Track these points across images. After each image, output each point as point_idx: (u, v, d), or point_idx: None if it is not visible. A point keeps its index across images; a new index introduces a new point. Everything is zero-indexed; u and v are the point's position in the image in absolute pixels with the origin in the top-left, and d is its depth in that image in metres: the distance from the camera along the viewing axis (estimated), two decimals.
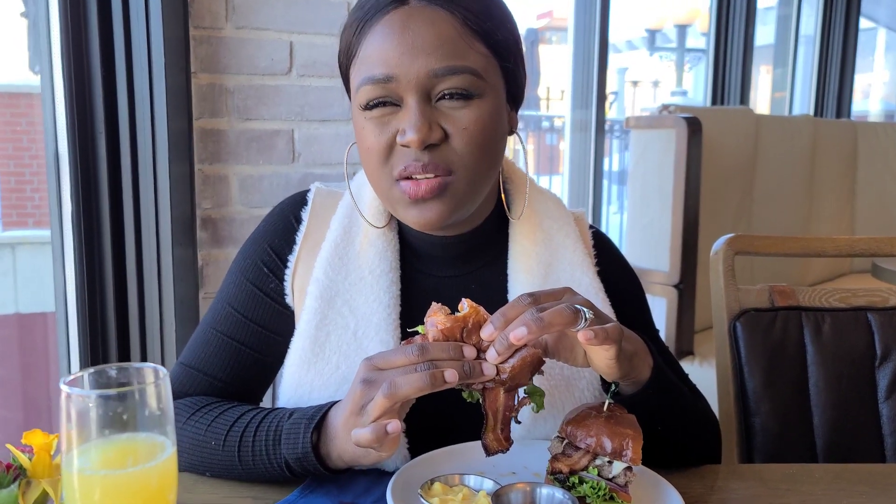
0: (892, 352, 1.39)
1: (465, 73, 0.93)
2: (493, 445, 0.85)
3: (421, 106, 0.92)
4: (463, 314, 0.83)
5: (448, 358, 0.81)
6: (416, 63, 0.91)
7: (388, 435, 0.80)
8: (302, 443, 0.89)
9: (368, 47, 0.93)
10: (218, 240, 2.00)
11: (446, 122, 0.94)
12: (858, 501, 0.97)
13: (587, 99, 3.64)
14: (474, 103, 0.94)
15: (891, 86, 6.83)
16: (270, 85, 1.99)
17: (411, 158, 0.93)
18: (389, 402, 0.80)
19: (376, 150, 0.95)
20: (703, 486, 1.01)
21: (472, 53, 0.93)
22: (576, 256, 1.09)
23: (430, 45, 0.91)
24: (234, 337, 1.06)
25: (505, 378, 0.82)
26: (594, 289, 1.08)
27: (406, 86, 0.92)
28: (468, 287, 1.08)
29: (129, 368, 0.60)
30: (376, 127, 0.95)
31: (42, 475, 0.68)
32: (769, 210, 3.31)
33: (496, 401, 0.84)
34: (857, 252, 1.51)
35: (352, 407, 0.84)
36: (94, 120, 1.78)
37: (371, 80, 0.93)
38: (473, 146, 0.95)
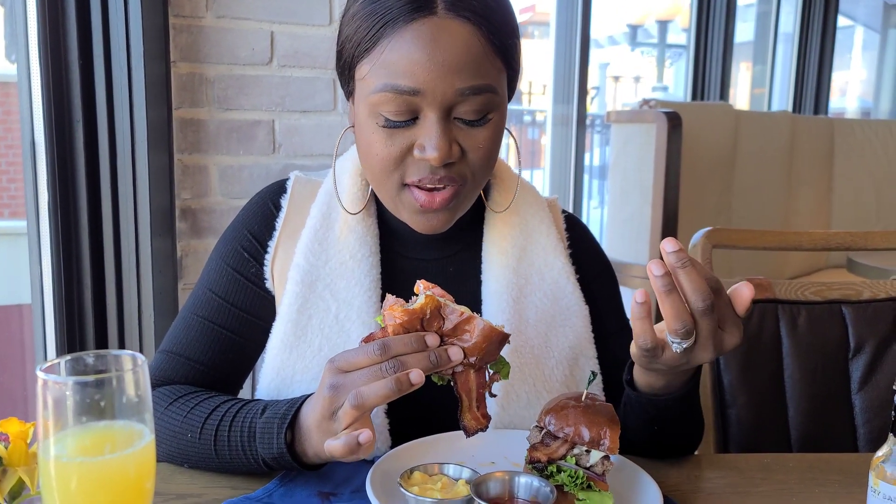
0: (865, 344, 1.41)
1: (487, 93, 0.93)
2: (472, 425, 0.85)
3: (443, 123, 0.92)
4: (419, 305, 0.82)
5: (412, 351, 0.81)
6: (445, 80, 0.90)
7: (360, 446, 0.80)
8: (276, 443, 0.89)
9: (393, 53, 0.90)
10: (197, 231, 1.99)
11: (463, 139, 0.94)
12: (831, 490, 0.99)
13: (569, 94, 3.65)
14: (489, 121, 0.95)
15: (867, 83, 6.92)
16: (251, 75, 1.97)
17: (426, 171, 0.94)
18: (358, 412, 0.80)
19: (386, 158, 0.95)
20: (680, 475, 1.02)
21: (493, 70, 0.94)
22: (549, 241, 1.12)
23: (460, 62, 0.90)
24: (216, 321, 1.06)
25: (474, 360, 0.82)
26: (566, 273, 1.11)
27: (431, 101, 0.91)
28: (446, 270, 1.10)
29: (106, 356, 0.60)
30: (388, 137, 0.94)
31: (18, 463, 0.67)
32: (748, 204, 3.35)
33: (468, 381, 0.84)
34: (832, 246, 1.53)
35: (322, 412, 0.83)
36: (72, 108, 1.76)
37: (395, 88, 0.90)
38: (486, 161, 0.97)
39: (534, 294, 1.09)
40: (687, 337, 0.82)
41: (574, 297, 1.10)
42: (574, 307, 1.10)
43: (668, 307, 0.81)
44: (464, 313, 0.82)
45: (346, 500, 0.90)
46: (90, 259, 1.81)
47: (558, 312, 1.09)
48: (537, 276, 1.10)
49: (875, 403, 1.40)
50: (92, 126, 1.78)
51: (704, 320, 0.82)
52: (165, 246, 1.90)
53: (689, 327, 0.82)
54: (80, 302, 1.83)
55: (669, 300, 0.81)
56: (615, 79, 8.21)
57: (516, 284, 1.08)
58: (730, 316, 0.85)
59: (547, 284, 1.10)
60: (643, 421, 1.00)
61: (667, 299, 0.81)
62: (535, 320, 1.08)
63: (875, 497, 0.76)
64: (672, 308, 0.81)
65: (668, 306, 0.81)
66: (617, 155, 2.94)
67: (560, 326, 1.09)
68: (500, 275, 1.08)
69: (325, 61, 1.99)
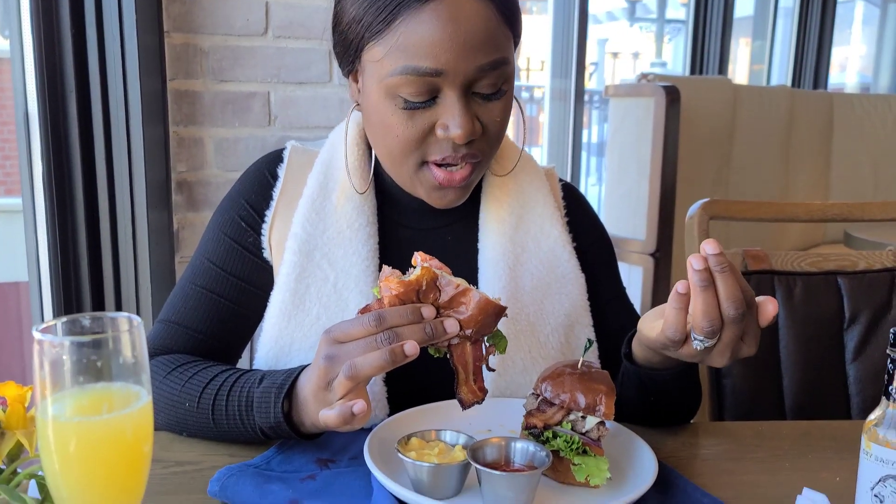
0: (860, 315, 1.42)
1: (504, 65, 0.93)
2: (469, 398, 0.86)
3: (464, 101, 0.92)
4: (415, 276, 0.82)
5: (407, 323, 0.81)
6: (466, 59, 0.89)
7: (355, 416, 0.81)
8: (273, 413, 0.89)
9: (410, 34, 0.89)
10: (193, 203, 1.99)
11: (482, 113, 0.95)
12: (824, 455, 1.00)
13: (567, 69, 3.63)
14: (504, 93, 0.96)
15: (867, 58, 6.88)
16: (246, 46, 1.96)
17: (449, 150, 0.95)
18: (352, 382, 0.81)
19: (407, 139, 0.95)
20: (675, 441, 1.03)
21: (506, 42, 0.94)
22: (546, 209, 1.12)
23: (480, 39, 0.90)
24: (214, 290, 1.06)
25: (470, 333, 0.82)
26: (562, 241, 1.11)
27: (452, 80, 0.91)
28: (444, 239, 1.11)
29: (102, 318, 0.60)
30: (408, 118, 0.93)
31: (16, 426, 0.68)
32: (746, 179, 3.35)
33: (464, 354, 0.84)
34: (829, 217, 1.53)
35: (318, 382, 0.84)
36: (65, 79, 1.74)
37: (417, 71, 0.89)
38: (501, 134, 0.99)
39: (530, 262, 1.09)
40: (711, 337, 0.82)
41: (570, 265, 1.11)
42: (570, 275, 1.10)
43: (701, 304, 0.81)
44: (459, 285, 0.82)
45: (344, 466, 0.91)
46: (86, 234, 1.81)
47: (554, 280, 1.10)
48: (534, 244, 1.10)
49: (869, 373, 1.41)
50: (85, 97, 1.76)
51: (731, 328, 0.82)
52: (162, 219, 1.90)
53: (717, 328, 0.82)
54: (77, 277, 1.83)
55: (703, 297, 0.81)
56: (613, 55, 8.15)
57: (513, 253, 1.09)
58: (753, 329, 0.85)
59: (543, 253, 1.10)
60: (640, 393, 1.01)
61: (701, 295, 0.81)
62: (531, 288, 1.08)
63: (867, 459, 0.77)
64: (704, 305, 0.81)
65: (701, 303, 0.81)
66: (615, 130, 2.93)
67: (556, 294, 1.09)
68: (497, 243, 1.09)
69: (321, 32, 1.97)
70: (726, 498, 0.86)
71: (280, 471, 0.88)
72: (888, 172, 4.07)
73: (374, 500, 0.82)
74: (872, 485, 0.76)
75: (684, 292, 0.82)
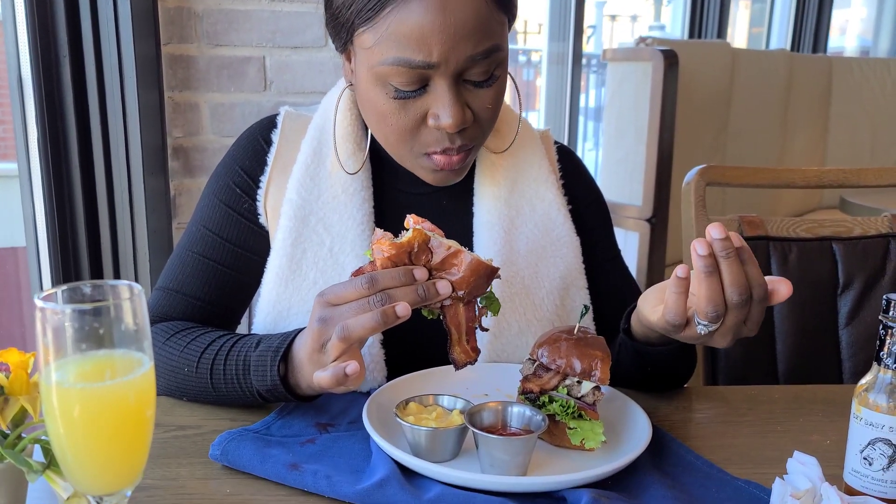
0: (854, 280, 1.43)
1: (496, 52, 0.92)
2: (462, 358, 0.87)
3: (454, 90, 0.92)
4: (407, 238, 0.82)
5: (400, 284, 0.82)
6: (457, 49, 0.89)
7: (348, 377, 0.81)
8: (270, 375, 0.90)
9: (401, 24, 0.88)
10: (190, 169, 1.98)
11: (473, 101, 0.95)
12: (815, 419, 1.02)
13: (564, 32, 3.59)
14: (497, 79, 0.95)
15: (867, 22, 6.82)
16: (240, 9, 1.93)
17: (444, 140, 0.95)
18: (345, 343, 0.81)
19: (401, 129, 0.95)
20: (669, 405, 1.04)
21: (499, 28, 0.93)
22: (541, 172, 1.13)
23: (471, 29, 0.88)
24: (211, 257, 1.07)
25: (462, 294, 0.83)
26: (557, 204, 1.12)
27: (443, 70, 0.90)
28: (440, 203, 1.11)
29: (103, 285, 0.60)
30: (400, 108, 0.93)
31: (20, 392, 0.69)
32: (743, 144, 3.34)
33: (457, 315, 0.85)
34: (825, 183, 1.53)
35: (312, 344, 0.85)
36: (58, 43, 1.72)
37: (408, 63, 0.89)
38: (494, 119, 0.99)
39: (525, 225, 1.10)
40: (715, 321, 0.82)
41: (565, 228, 1.11)
42: (565, 238, 1.11)
43: (705, 290, 0.80)
44: (451, 247, 0.83)
45: (343, 430, 0.92)
46: (83, 200, 1.80)
47: (549, 243, 1.10)
48: (528, 207, 1.11)
49: (861, 338, 1.42)
50: (79, 61, 1.75)
51: (734, 312, 0.82)
52: (158, 185, 1.89)
53: (721, 313, 0.81)
54: (75, 242, 1.83)
55: (707, 283, 0.80)
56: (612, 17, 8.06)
57: (507, 216, 1.09)
58: (756, 315, 0.84)
59: (538, 216, 1.11)
60: (637, 366, 1.02)
61: (705, 281, 0.80)
62: (525, 251, 1.09)
63: (857, 423, 0.78)
64: (708, 291, 0.80)
65: (706, 289, 0.80)
66: (612, 94, 2.91)
67: (551, 257, 1.10)
68: (492, 206, 1.09)
69: None
70: (718, 460, 0.88)
71: (280, 435, 0.89)
72: (886, 137, 4.07)
73: (373, 463, 0.83)
74: (862, 447, 0.78)
75: (684, 276, 0.82)
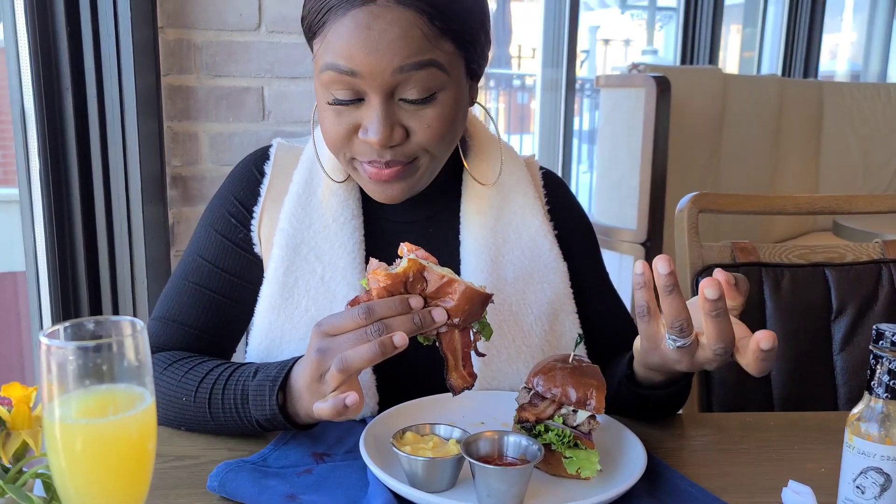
0: (847, 306, 1.44)
1: (430, 67, 0.93)
2: (459, 383, 0.88)
3: (383, 106, 0.93)
4: (402, 268, 0.84)
5: (396, 314, 0.83)
6: (380, 62, 0.91)
7: (348, 408, 0.83)
8: (269, 405, 0.91)
9: (333, 36, 0.92)
10: (188, 198, 1.99)
11: (409, 119, 0.95)
12: (811, 447, 1.02)
13: (558, 57, 3.64)
14: (437, 100, 0.95)
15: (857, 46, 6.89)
16: (239, 41, 1.96)
17: (374, 154, 0.96)
18: (344, 375, 0.82)
19: (335, 135, 0.98)
20: (664, 433, 1.05)
21: (436, 51, 0.93)
22: (527, 200, 1.14)
23: (394, 44, 0.90)
24: (207, 286, 1.08)
25: (458, 321, 0.84)
26: (543, 230, 1.13)
27: (370, 83, 0.92)
28: (427, 231, 1.13)
29: (106, 321, 0.61)
30: (336, 115, 0.96)
31: (22, 426, 0.69)
32: (736, 168, 3.37)
33: (453, 341, 0.87)
34: (817, 210, 1.55)
35: (311, 374, 0.86)
36: (60, 76, 1.74)
37: (336, 68, 0.93)
38: (436, 138, 0.97)
39: (511, 252, 1.11)
40: (681, 335, 0.85)
41: (552, 254, 1.13)
42: (552, 264, 1.12)
43: (667, 306, 0.84)
44: (444, 276, 0.84)
45: (340, 460, 0.92)
46: (83, 227, 1.82)
47: (536, 270, 1.11)
48: (515, 234, 1.12)
49: (856, 364, 1.43)
50: (81, 93, 1.77)
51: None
52: (157, 213, 1.91)
53: (684, 326, 0.84)
54: (74, 269, 1.84)
55: (669, 300, 0.83)
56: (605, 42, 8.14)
57: (494, 244, 1.11)
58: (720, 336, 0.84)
59: (524, 243, 1.12)
60: (638, 407, 1.04)
61: (667, 298, 0.83)
62: (513, 278, 1.10)
63: (850, 452, 0.79)
64: (670, 307, 0.84)
65: (667, 305, 0.84)
66: (606, 119, 2.95)
67: (538, 283, 1.11)
68: (478, 234, 1.11)
69: None
70: (713, 489, 0.88)
71: (277, 466, 0.90)
72: (877, 160, 4.10)
73: (370, 493, 0.83)
74: (854, 476, 0.79)
75: (641, 271, 0.85)
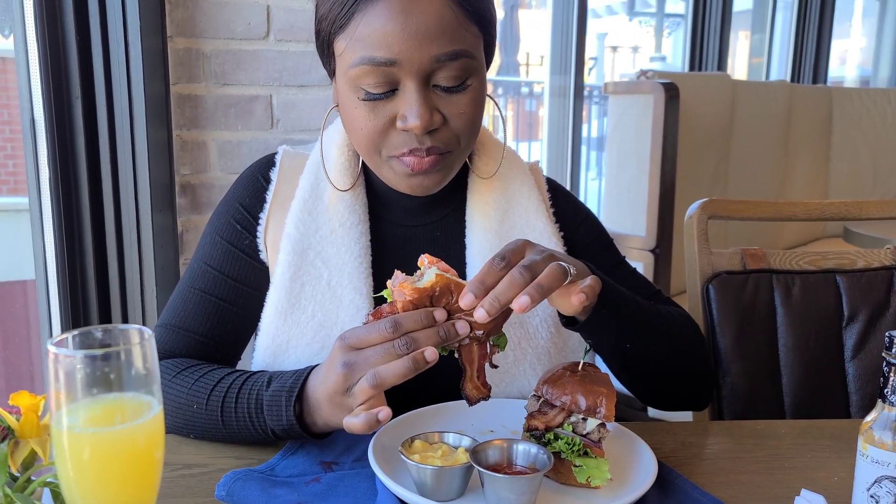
0: (859, 312, 1.43)
1: (464, 58, 0.94)
2: (474, 394, 0.88)
3: (422, 92, 0.94)
4: (429, 284, 0.84)
5: (422, 327, 0.83)
6: (420, 49, 0.91)
7: (379, 423, 0.84)
8: (286, 416, 0.91)
9: (366, 26, 0.92)
10: (197, 206, 2.00)
11: (444, 106, 0.96)
12: (823, 455, 1.01)
13: (566, 65, 3.63)
14: (469, 87, 0.97)
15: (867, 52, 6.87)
16: (248, 50, 1.97)
17: (413, 142, 0.96)
18: (376, 391, 0.83)
19: (370, 131, 0.97)
20: (675, 441, 1.04)
21: (468, 36, 0.95)
22: (531, 203, 1.14)
23: (433, 31, 0.91)
24: (213, 293, 1.08)
25: (481, 334, 0.85)
26: (548, 232, 1.13)
27: (408, 71, 0.92)
28: (433, 235, 1.13)
29: (114, 330, 0.61)
30: (370, 110, 0.96)
31: (30, 435, 0.69)
32: (745, 175, 3.35)
33: (472, 352, 0.87)
34: (827, 216, 1.54)
35: (335, 388, 0.86)
36: (70, 85, 1.76)
37: (372, 61, 0.92)
38: (469, 125, 0.99)
39: None
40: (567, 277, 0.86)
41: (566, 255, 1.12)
42: None
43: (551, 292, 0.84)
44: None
45: (348, 469, 0.92)
46: (92, 235, 1.82)
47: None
48: (520, 236, 1.12)
49: (868, 371, 1.42)
50: (91, 102, 1.78)
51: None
52: (166, 221, 1.91)
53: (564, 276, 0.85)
54: (84, 277, 1.84)
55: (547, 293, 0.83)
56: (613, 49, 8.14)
57: (498, 246, 1.10)
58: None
59: None
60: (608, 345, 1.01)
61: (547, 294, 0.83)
62: None
63: (863, 461, 0.79)
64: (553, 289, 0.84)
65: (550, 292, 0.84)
66: (614, 126, 2.94)
67: None
68: (483, 238, 1.11)
69: None
70: (725, 497, 0.87)
71: (285, 475, 0.89)
72: (887, 166, 4.08)
73: (378, 502, 0.83)
74: (868, 485, 0.78)
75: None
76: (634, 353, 1.02)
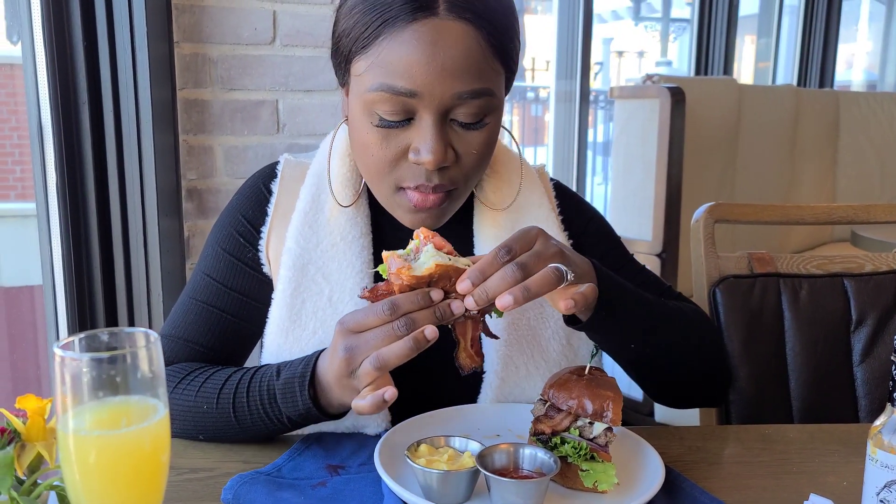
0: (867, 317, 1.42)
1: (486, 96, 0.92)
2: (468, 363, 0.89)
3: (439, 127, 0.92)
4: (427, 272, 0.83)
5: (419, 308, 0.83)
6: (443, 84, 0.89)
7: (386, 403, 0.84)
8: (302, 401, 0.92)
9: (391, 52, 0.89)
10: (203, 211, 2.00)
11: (458, 143, 0.94)
12: (831, 460, 1.01)
13: (572, 69, 3.64)
14: (486, 125, 0.95)
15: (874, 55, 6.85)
16: (254, 55, 1.97)
17: (422, 177, 0.94)
18: (379, 372, 0.83)
19: (381, 160, 0.95)
20: (682, 446, 1.04)
21: (491, 73, 0.93)
22: (541, 211, 1.12)
23: (460, 66, 0.89)
24: (214, 304, 1.07)
25: (475, 313, 0.86)
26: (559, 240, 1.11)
27: (428, 104, 0.90)
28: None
29: (120, 333, 0.61)
30: (383, 138, 0.94)
31: (36, 438, 0.69)
32: (752, 179, 3.34)
33: (465, 326, 0.88)
34: (834, 220, 1.54)
35: (340, 371, 0.86)
36: (77, 90, 1.76)
37: (392, 89, 0.90)
38: (480, 164, 0.98)
39: None
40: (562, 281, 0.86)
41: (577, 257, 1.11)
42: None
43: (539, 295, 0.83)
44: (467, 268, 0.85)
45: (354, 473, 0.92)
46: (99, 240, 1.83)
47: None
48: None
49: (876, 375, 1.41)
50: (98, 108, 1.79)
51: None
52: (173, 226, 1.92)
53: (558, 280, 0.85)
54: (90, 282, 1.85)
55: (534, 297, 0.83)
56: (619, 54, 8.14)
57: None
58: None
59: None
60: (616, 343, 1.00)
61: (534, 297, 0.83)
62: None
63: (873, 465, 0.78)
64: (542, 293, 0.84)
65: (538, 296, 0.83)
66: (620, 131, 2.94)
67: None
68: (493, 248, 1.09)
69: (328, 40, 1.96)
70: (733, 502, 0.87)
71: (291, 478, 0.89)
72: (895, 170, 4.06)
73: None
74: (878, 490, 0.77)
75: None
76: (642, 351, 1.02)
